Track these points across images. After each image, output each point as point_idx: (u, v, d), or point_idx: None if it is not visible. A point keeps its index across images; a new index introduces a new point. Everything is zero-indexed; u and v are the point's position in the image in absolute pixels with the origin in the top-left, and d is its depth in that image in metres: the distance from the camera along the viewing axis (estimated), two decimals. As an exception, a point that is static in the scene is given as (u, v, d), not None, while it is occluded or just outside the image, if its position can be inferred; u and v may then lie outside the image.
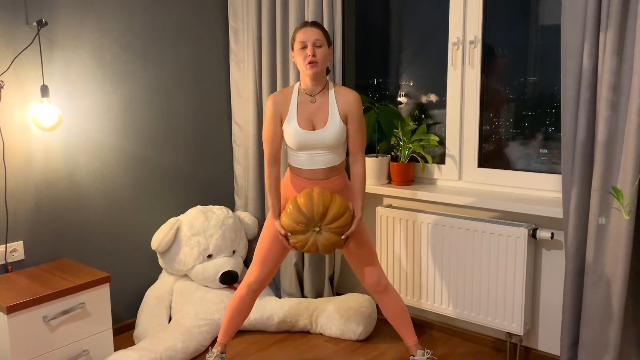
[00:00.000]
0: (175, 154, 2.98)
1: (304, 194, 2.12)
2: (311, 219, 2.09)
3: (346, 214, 2.11)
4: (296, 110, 2.18)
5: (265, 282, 2.34)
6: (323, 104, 2.18)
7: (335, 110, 2.17)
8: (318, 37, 2.12)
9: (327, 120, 2.16)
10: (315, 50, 2.11)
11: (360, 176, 2.21)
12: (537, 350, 2.47)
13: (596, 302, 2.01)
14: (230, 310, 2.37)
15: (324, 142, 2.17)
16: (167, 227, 2.75)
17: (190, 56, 3.00)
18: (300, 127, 2.16)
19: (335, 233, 2.11)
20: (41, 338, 2.13)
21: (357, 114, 2.17)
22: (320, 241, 2.11)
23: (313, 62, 2.11)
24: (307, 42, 2.11)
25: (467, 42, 2.55)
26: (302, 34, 2.13)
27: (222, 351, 2.39)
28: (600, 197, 1.95)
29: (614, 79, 1.88)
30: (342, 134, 2.17)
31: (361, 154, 2.21)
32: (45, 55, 2.43)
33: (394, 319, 2.37)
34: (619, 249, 1.91)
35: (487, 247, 2.39)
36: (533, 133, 2.51)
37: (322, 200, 2.08)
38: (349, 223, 2.13)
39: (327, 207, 2.09)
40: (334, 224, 2.10)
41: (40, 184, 2.46)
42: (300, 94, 2.21)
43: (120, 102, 2.72)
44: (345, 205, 2.12)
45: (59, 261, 2.50)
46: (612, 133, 1.91)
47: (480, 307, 2.46)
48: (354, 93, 2.18)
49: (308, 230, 2.11)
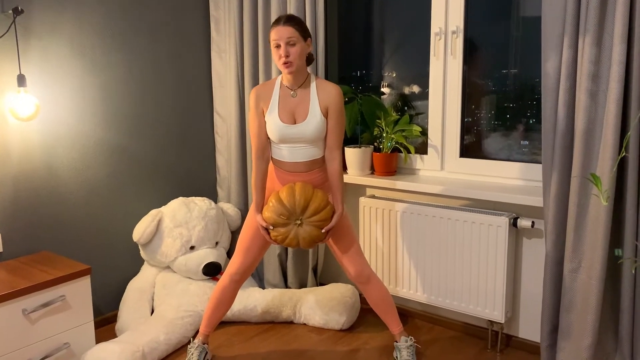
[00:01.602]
0: (157, 144, 2.95)
1: (286, 188, 2.14)
2: (293, 212, 2.11)
3: (327, 207, 2.14)
4: (278, 104, 2.18)
5: (247, 272, 2.34)
6: (304, 97, 2.18)
7: (316, 104, 2.16)
8: (291, 35, 2.09)
9: (307, 114, 2.16)
10: (289, 49, 2.09)
11: (337, 172, 2.21)
12: (517, 337, 2.51)
13: (575, 289, 2.04)
14: (213, 301, 2.37)
15: (305, 136, 2.17)
16: (149, 218, 2.73)
17: (171, 46, 2.96)
18: (281, 121, 2.16)
19: (316, 227, 2.14)
20: (21, 331, 2.10)
21: (337, 108, 2.17)
22: (301, 235, 2.14)
23: (287, 62, 2.09)
24: (280, 42, 2.09)
25: (449, 32, 2.56)
26: (275, 33, 2.11)
27: (203, 342, 2.38)
28: (580, 184, 1.98)
29: (594, 69, 1.90)
30: (322, 128, 2.18)
31: (337, 151, 2.21)
32: (22, 44, 2.37)
33: (379, 308, 2.39)
34: (597, 236, 1.95)
35: (469, 236, 2.42)
36: (514, 124, 2.54)
37: (303, 194, 2.11)
38: (329, 217, 2.16)
39: (309, 200, 2.11)
40: (314, 217, 2.12)
41: (18, 175, 2.42)
42: (282, 88, 2.21)
43: (99, 92, 2.68)
44: (326, 199, 2.15)
45: (38, 254, 2.46)
46: (591, 122, 1.94)
47: (462, 296, 2.48)
48: (335, 87, 2.18)
49: (289, 223, 2.13)
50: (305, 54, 2.16)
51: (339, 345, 2.55)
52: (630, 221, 1.93)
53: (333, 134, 2.19)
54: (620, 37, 1.83)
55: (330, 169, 2.22)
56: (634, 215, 1.93)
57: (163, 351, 2.41)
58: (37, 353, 2.15)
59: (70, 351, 2.26)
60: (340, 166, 2.22)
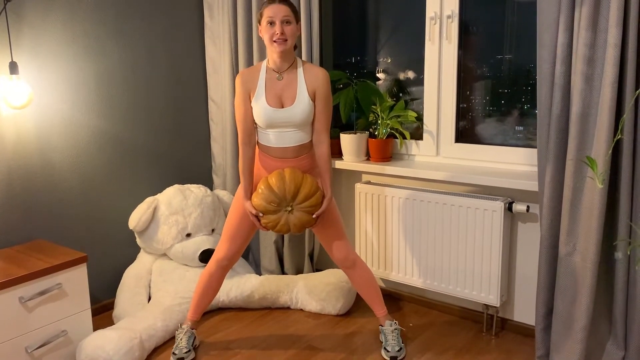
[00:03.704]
0: (151, 132, 2.94)
1: (276, 174, 2.12)
2: (283, 198, 2.10)
3: (317, 193, 2.13)
4: (264, 88, 2.15)
5: (234, 258, 2.34)
6: (291, 81, 2.16)
7: (303, 88, 2.15)
8: (287, 14, 2.08)
9: (295, 98, 2.14)
10: (284, 27, 2.08)
11: (326, 156, 2.20)
12: (512, 320, 2.53)
13: (570, 272, 2.06)
14: (200, 287, 2.37)
15: (293, 120, 2.16)
16: (145, 206, 2.72)
17: (164, 32, 2.94)
18: (269, 105, 2.14)
19: (307, 212, 2.13)
20: (18, 319, 2.10)
21: (324, 92, 2.15)
22: (291, 221, 2.12)
23: (281, 39, 2.07)
24: (275, 19, 2.07)
25: (444, 16, 2.55)
26: (270, 10, 2.08)
27: (192, 327, 2.39)
28: (575, 167, 1.98)
29: (589, 52, 1.90)
30: (310, 112, 2.16)
31: (325, 134, 2.20)
32: (13, 31, 2.35)
33: (364, 292, 2.41)
34: (592, 219, 1.96)
35: (464, 221, 2.43)
36: (509, 109, 2.54)
37: (293, 179, 2.09)
38: (319, 202, 2.15)
39: (299, 186, 2.10)
40: (305, 203, 2.11)
41: (12, 163, 2.41)
42: (268, 71, 2.18)
43: (93, 79, 2.66)
44: (316, 184, 2.14)
45: (34, 242, 2.46)
46: (586, 105, 1.94)
47: (457, 280, 2.50)
48: (322, 70, 2.16)
49: (280, 210, 2.12)
50: (297, 35, 2.14)
51: (335, 330, 2.57)
52: (624, 203, 1.94)
53: (321, 117, 2.18)
54: (616, 20, 1.82)
55: (318, 152, 2.21)
56: (629, 197, 1.94)
57: (160, 337, 2.42)
58: (35, 341, 2.16)
59: (68, 338, 2.26)
60: (329, 149, 2.21)
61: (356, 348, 2.41)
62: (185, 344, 2.32)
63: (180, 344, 2.32)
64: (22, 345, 2.12)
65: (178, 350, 2.30)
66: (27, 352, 2.13)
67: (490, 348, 2.40)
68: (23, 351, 2.13)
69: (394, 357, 2.29)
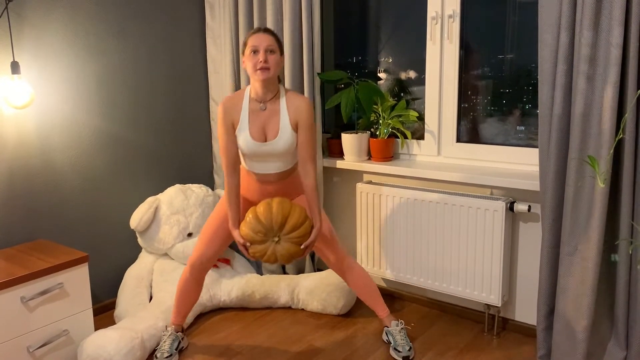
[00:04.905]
0: (153, 132, 2.94)
1: (264, 204, 2.09)
2: (270, 228, 2.06)
3: (305, 223, 2.10)
4: (247, 119, 2.14)
5: (208, 262, 2.31)
6: (274, 112, 2.15)
7: (286, 120, 2.14)
8: (270, 43, 2.08)
9: (278, 131, 2.14)
10: (268, 56, 2.07)
11: (312, 187, 2.17)
12: (514, 320, 2.53)
13: (571, 272, 2.06)
14: (177, 293, 2.36)
15: (276, 152, 2.16)
16: (146, 205, 2.72)
17: (165, 32, 2.94)
18: (252, 138, 2.14)
19: (295, 243, 2.10)
20: (20, 319, 2.10)
21: (307, 122, 2.14)
22: (279, 251, 2.09)
23: (265, 67, 2.06)
24: (259, 48, 2.06)
25: (445, 16, 2.54)
26: (254, 39, 2.08)
27: (177, 330, 2.38)
28: (576, 167, 1.98)
29: (590, 52, 1.90)
30: (293, 143, 2.17)
31: (311, 164, 2.17)
32: (15, 31, 2.35)
33: (363, 294, 2.42)
34: (594, 219, 1.96)
35: (465, 221, 2.43)
36: (510, 109, 2.53)
37: (281, 210, 2.06)
38: (308, 232, 2.11)
39: (287, 217, 2.07)
40: (293, 234, 2.08)
41: (14, 163, 2.41)
42: (252, 102, 2.16)
43: (94, 80, 2.66)
44: (305, 214, 2.11)
45: (36, 242, 2.46)
46: (588, 105, 1.94)
47: (459, 280, 2.50)
48: (305, 100, 2.15)
49: (267, 240, 2.08)
50: (280, 66, 2.13)
51: (336, 330, 2.57)
52: (626, 203, 1.94)
53: (304, 148, 2.16)
54: (618, 20, 1.82)
55: (305, 183, 2.18)
56: (630, 196, 1.93)
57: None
58: (36, 340, 2.16)
59: (69, 338, 2.26)
60: (315, 181, 2.18)
61: (357, 348, 2.41)
62: (168, 348, 2.29)
63: (163, 347, 2.30)
64: (23, 345, 2.12)
65: (160, 354, 2.28)
66: (28, 352, 2.14)
67: (491, 348, 2.40)
68: (24, 351, 2.13)
69: (406, 356, 2.29)
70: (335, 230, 3.05)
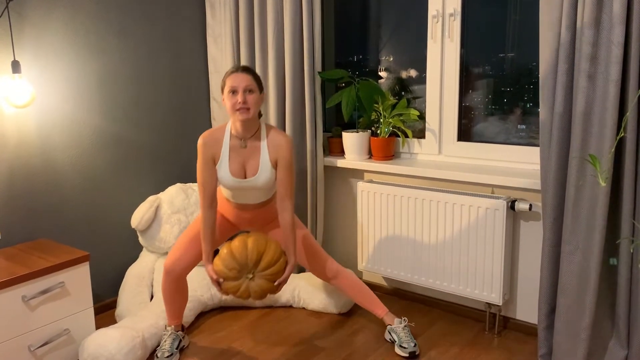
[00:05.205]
0: (153, 131, 2.94)
1: (239, 239, 2.10)
2: (244, 265, 2.07)
3: (280, 260, 2.11)
4: (228, 156, 2.16)
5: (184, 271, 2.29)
6: (254, 149, 2.17)
7: (266, 157, 2.16)
8: (249, 83, 2.08)
9: (258, 168, 2.16)
10: (247, 96, 2.07)
11: (289, 224, 2.19)
12: (515, 319, 2.53)
13: (573, 271, 2.05)
14: (163, 298, 2.35)
15: (255, 187, 2.20)
16: (147, 205, 2.72)
17: (166, 31, 2.94)
18: (232, 175, 2.16)
19: (268, 280, 2.10)
20: (21, 318, 2.10)
21: (287, 161, 2.16)
22: (252, 288, 2.10)
23: (244, 108, 2.07)
24: (237, 88, 2.07)
25: (446, 14, 2.54)
26: (232, 79, 2.08)
27: (177, 330, 2.37)
28: (578, 166, 1.98)
29: (592, 50, 1.89)
30: (272, 178, 2.20)
31: (289, 200, 2.18)
32: (16, 30, 2.35)
33: (358, 297, 2.44)
34: (595, 218, 1.95)
35: (466, 220, 2.42)
36: (511, 108, 2.53)
37: (256, 247, 2.07)
38: (282, 269, 2.12)
39: (261, 254, 2.07)
40: (267, 271, 2.09)
41: (15, 162, 2.41)
42: (232, 138, 2.17)
43: (95, 79, 2.66)
44: (280, 251, 2.12)
45: (37, 241, 2.46)
46: (589, 104, 1.93)
47: (460, 279, 2.49)
48: (285, 139, 2.16)
49: (241, 276, 2.09)
50: (260, 104, 2.15)
51: (337, 329, 2.57)
52: (627, 201, 1.93)
53: (282, 185, 2.17)
54: (619, 18, 1.82)
55: (282, 219, 2.20)
56: (632, 195, 1.93)
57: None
58: (38, 339, 2.16)
59: (71, 337, 2.27)
60: (292, 217, 2.20)
61: (358, 347, 2.41)
62: (169, 347, 2.29)
63: (164, 346, 2.30)
64: (24, 344, 2.13)
65: (160, 353, 2.28)
66: (29, 351, 2.14)
67: (492, 347, 2.40)
68: (26, 350, 2.13)
69: (412, 352, 2.29)
70: (336, 229, 3.05)
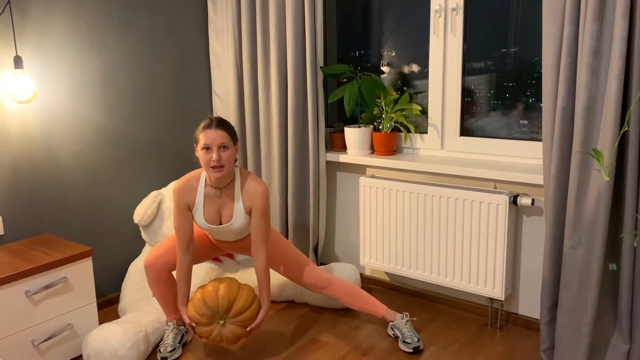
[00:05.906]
0: (156, 126, 2.94)
1: (211, 285, 2.13)
2: (216, 312, 2.11)
3: (252, 306, 2.14)
4: (202, 204, 2.18)
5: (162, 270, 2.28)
6: (229, 198, 2.19)
7: (240, 206, 2.18)
8: (223, 141, 2.08)
9: (232, 216, 2.18)
10: (221, 153, 2.07)
11: (263, 268, 2.21)
12: (517, 314, 2.53)
13: (575, 266, 2.05)
14: (154, 294, 2.35)
15: (230, 232, 2.23)
16: (149, 200, 2.72)
17: (168, 27, 2.93)
18: (207, 222, 2.19)
19: (240, 326, 2.13)
20: (24, 313, 2.11)
21: (262, 209, 2.17)
22: (224, 333, 2.14)
23: (218, 167, 2.07)
24: (211, 146, 2.07)
25: (449, 9, 2.53)
26: (205, 137, 2.08)
27: (179, 324, 2.38)
28: (580, 160, 1.97)
29: (595, 44, 1.88)
30: (247, 224, 2.22)
31: (263, 246, 2.20)
32: (18, 26, 2.35)
33: (353, 302, 2.44)
34: (598, 212, 1.95)
35: (469, 215, 2.42)
36: (514, 103, 2.52)
37: (227, 294, 2.09)
38: (254, 315, 2.15)
39: (233, 301, 2.10)
40: (238, 318, 2.12)
41: (17, 158, 2.41)
42: (207, 186, 2.19)
43: (97, 74, 2.66)
44: (252, 297, 2.14)
45: (40, 236, 2.47)
46: (592, 98, 1.93)
47: (462, 274, 2.50)
48: (259, 187, 2.17)
49: (213, 322, 2.13)
50: (234, 157, 2.16)
51: (339, 324, 2.57)
52: (630, 196, 1.93)
53: (257, 232, 2.19)
54: (622, 12, 1.81)
55: (256, 264, 2.22)
56: (635, 189, 1.92)
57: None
58: (41, 334, 2.17)
59: (74, 332, 2.27)
60: (266, 262, 2.21)
61: (360, 342, 2.42)
62: (171, 342, 2.30)
63: (167, 341, 2.31)
64: (28, 339, 2.14)
65: (163, 348, 2.29)
66: (33, 346, 2.15)
67: (494, 342, 2.40)
68: (29, 344, 2.14)
69: (416, 347, 2.30)
70: (338, 224, 3.05)
